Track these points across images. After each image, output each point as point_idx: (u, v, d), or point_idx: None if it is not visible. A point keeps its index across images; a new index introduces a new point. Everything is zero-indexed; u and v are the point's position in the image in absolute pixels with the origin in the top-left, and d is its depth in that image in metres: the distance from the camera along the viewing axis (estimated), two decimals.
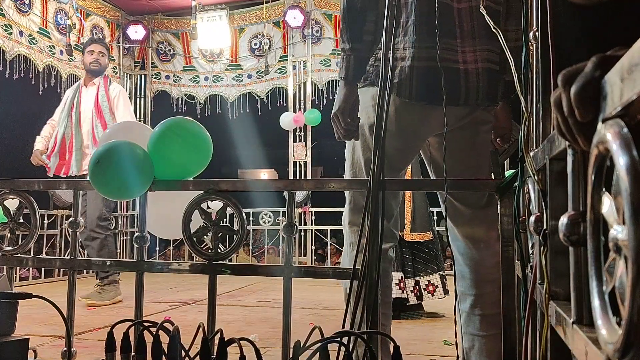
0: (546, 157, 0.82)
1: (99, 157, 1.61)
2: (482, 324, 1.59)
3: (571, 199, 0.65)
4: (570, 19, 0.83)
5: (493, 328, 1.52)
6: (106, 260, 1.88)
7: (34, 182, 1.94)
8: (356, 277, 1.35)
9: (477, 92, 1.55)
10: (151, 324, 1.31)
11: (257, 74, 6.63)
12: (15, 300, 1.49)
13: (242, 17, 6.70)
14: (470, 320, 1.60)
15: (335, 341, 1.13)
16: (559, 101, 0.50)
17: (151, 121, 6.94)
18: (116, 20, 6.77)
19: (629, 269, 0.36)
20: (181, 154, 1.69)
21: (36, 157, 4.16)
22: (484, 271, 1.57)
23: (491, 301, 1.52)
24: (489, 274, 1.53)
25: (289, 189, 1.52)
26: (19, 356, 1.41)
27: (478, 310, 1.59)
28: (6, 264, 1.80)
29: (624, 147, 0.38)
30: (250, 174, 7.17)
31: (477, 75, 1.54)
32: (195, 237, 1.60)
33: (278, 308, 1.60)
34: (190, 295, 4.24)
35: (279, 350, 1.50)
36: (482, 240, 1.59)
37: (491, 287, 1.50)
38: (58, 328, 2.63)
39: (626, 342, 0.37)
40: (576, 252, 0.65)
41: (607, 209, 0.44)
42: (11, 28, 5.30)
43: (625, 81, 0.38)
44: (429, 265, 3.34)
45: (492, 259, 1.49)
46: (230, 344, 1.20)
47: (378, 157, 1.34)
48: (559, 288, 0.78)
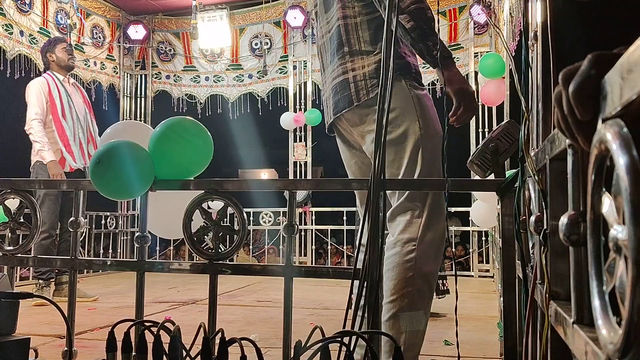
0: (546, 157, 0.82)
1: (100, 156, 1.61)
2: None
3: (571, 199, 0.65)
4: (570, 19, 0.83)
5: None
6: (107, 260, 1.88)
7: (35, 182, 1.94)
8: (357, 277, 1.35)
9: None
10: (152, 324, 1.31)
11: (258, 74, 6.63)
12: (16, 300, 1.49)
13: (243, 17, 6.70)
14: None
15: (336, 341, 1.13)
16: (559, 99, 0.50)
17: (152, 121, 6.93)
18: (117, 20, 6.77)
19: (629, 269, 0.36)
20: (182, 154, 1.69)
21: (57, 169, 3.92)
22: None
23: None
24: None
25: (290, 189, 1.52)
26: (20, 356, 1.41)
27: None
28: (7, 263, 1.80)
29: (624, 147, 0.38)
30: (250, 173, 7.17)
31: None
32: (196, 236, 1.60)
33: (279, 308, 1.60)
34: (190, 295, 4.25)
35: (279, 350, 1.50)
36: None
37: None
38: (59, 328, 2.63)
39: (626, 342, 0.37)
40: (576, 252, 0.65)
41: (607, 209, 0.44)
42: (12, 28, 5.30)
43: (625, 81, 0.38)
44: None
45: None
46: (231, 344, 1.20)
47: (378, 157, 1.34)
48: (559, 288, 0.78)
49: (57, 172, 3.92)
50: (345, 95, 1.79)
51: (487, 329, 2.90)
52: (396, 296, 1.62)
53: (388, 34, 1.36)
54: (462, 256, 6.28)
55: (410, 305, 1.61)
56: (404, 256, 1.64)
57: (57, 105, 4.03)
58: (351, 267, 1.42)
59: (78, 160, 4.08)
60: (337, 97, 1.82)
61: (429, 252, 1.65)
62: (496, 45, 5.53)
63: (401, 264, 1.63)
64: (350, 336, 1.16)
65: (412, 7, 1.62)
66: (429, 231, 1.65)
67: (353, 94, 1.77)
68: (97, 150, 1.68)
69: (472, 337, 2.76)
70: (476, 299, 4.13)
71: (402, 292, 1.61)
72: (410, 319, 1.60)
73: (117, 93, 6.88)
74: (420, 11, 1.63)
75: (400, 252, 1.65)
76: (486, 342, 2.60)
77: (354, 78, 1.77)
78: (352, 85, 1.77)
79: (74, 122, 4.10)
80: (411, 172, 1.70)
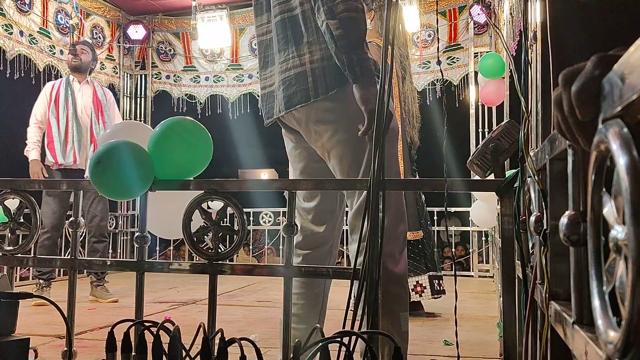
0: (546, 157, 0.82)
1: (99, 156, 1.61)
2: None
3: (571, 199, 0.65)
4: (570, 19, 0.83)
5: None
6: (107, 260, 1.88)
7: (35, 182, 1.94)
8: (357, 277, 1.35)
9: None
10: (152, 324, 1.31)
11: (258, 74, 6.62)
12: (15, 300, 1.49)
13: (243, 17, 6.70)
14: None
15: (336, 341, 1.13)
16: (559, 100, 0.50)
17: (151, 121, 6.93)
18: (116, 20, 6.77)
19: (629, 269, 0.36)
20: (182, 154, 1.69)
21: (36, 168, 4.04)
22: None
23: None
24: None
25: (289, 189, 1.52)
26: (20, 356, 1.41)
27: None
28: (7, 263, 1.80)
29: (624, 147, 0.38)
30: (250, 174, 7.17)
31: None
32: (195, 237, 1.60)
33: (278, 308, 1.60)
34: (190, 295, 4.25)
35: (279, 350, 1.50)
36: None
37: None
38: (58, 328, 2.63)
39: (626, 342, 0.37)
40: (576, 252, 0.65)
41: (607, 209, 0.44)
42: (12, 28, 5.30)
43: (626, 81, 0.38)
44: (418, 266, 3.30)
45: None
46: (230, 344, 1.19)
47: (378, 157, 1.34)
48: (559, 288, 0.78)
49: (34, 171, 4.05)
50: (302, 88, 1.68)
51: (487, 329, 2.90)
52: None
53: (390, 33, 1.35)
54: (462, 256, 6.28)
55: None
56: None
57: (51, 105, 4.14)
58: (351, 267, 1.42)
59: (60, 157, 4.08)
60: (291, 90, 1.71)
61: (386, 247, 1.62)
62: (496, 45, 5.53)
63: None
64: (350, 336, 1.16)
65: (344, 15, 1.53)
66: (397, 227, 1.63)
67: (310, 88, 1.67)
68: (97, 150, 1.67)
69: (472, 337, 2.76)
70: (476, 299, 4.13)
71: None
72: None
73: (117, 93, 6.88)
74: (352, 20, 1.54)
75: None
76: (486, 342, 2.60)
77: (312, 71, 1.68)
78: (310, 79, 1.68)
79: (67, 121, 4.10)
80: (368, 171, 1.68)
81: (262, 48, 1.89)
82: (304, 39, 1.69)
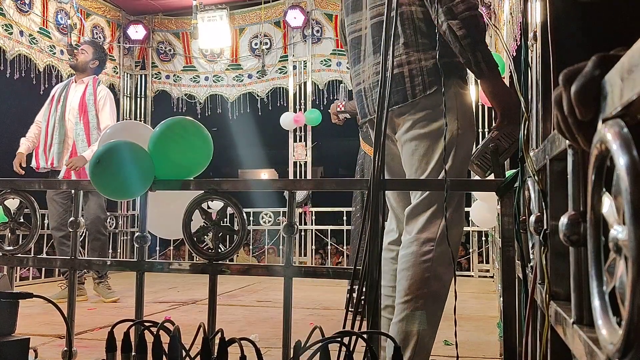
0: (546, 157, 0.82)
1: (99, 157, 1.61)
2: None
3: (571, 199, 0.65)
4: (570, 19, 0.83)
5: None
6: (106, 260, 1.88)
7: (34, 182, 1.94)
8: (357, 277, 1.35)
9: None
10: (152, 324, 1.31)
11: (258, 74, 6.63)
12: (15, 300, 1.49)
13: (243, 17, 6.70)
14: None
15: (336, 341, 1.13)
16: (559, 100, 0.50)
17: (151, 121, 6.93)
18: (116, 20, 6.77)
19: (629, 269, 0.36)
20: (182, 154, 1.69)
21: (16, 159, 4.09)
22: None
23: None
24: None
25: (289, 189, 1.52)
26: (20, 356, 1.41)
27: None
28: (7, 263, 1.80)
29: (624, 147, 0.38)
30: (250, 174, 7.16)
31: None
32: (195, 237, 1.60)
33: (278, 308, 1.60)
34: (190, 295, 4.25)
35: (279, 350, 1.50)
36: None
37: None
38: (58, 328, 2.63)
39: (626, 342, 0.37)
40: (576, 252, 0.65)
41: (607, 209, 0.44)
42: (12, 28, 5.30)
43: (626, 81, 0.38)
44: None
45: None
46: (230, 344, 1.19)
47: (378, 157, 1.34)
48: (559, 288, 0.78)
49: (14, 162, 4.09)
50: (398, 89, 1.69)
51: (487, 329, 2.90)
52: (411, 297, 1.58)
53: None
54: (462, 256, 6.28)
55: (424, 307, 1.57)
56: (420, 256, 1.59)
57: (51, 106, 4.15)
58: (351, 267, 1.42)
59: (42, 161, 4.09)
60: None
61: (446, 253, 1.59)
62: (496, 45, 5.53)
63: (418, 264, 1.59)
64: (350, 336, 1.16)
65: (466, 14, 1.55)
66: (449, 232, 1.58)
67: (408, 89, 1.68)
68: (97, 150, 1.68)
69: (472, 337, 2.76)
70: (476, 299, 4.13)
71: (417, 293, 1.57)
72: (423, 321, 1.57)
73: (117, 93, 6.87)
74: (473, 19, 1.56)
75: (418, 251, 1.60)
76: (486, 342, 2.60)
77: (409, 72, 1.69)
78: (408, 80, 1.69)
79: (55, 123, 4.08)
80: (440, 169, 1.64)
81: (354, 44, 1.88)
82: (400, 40, 1.69)
